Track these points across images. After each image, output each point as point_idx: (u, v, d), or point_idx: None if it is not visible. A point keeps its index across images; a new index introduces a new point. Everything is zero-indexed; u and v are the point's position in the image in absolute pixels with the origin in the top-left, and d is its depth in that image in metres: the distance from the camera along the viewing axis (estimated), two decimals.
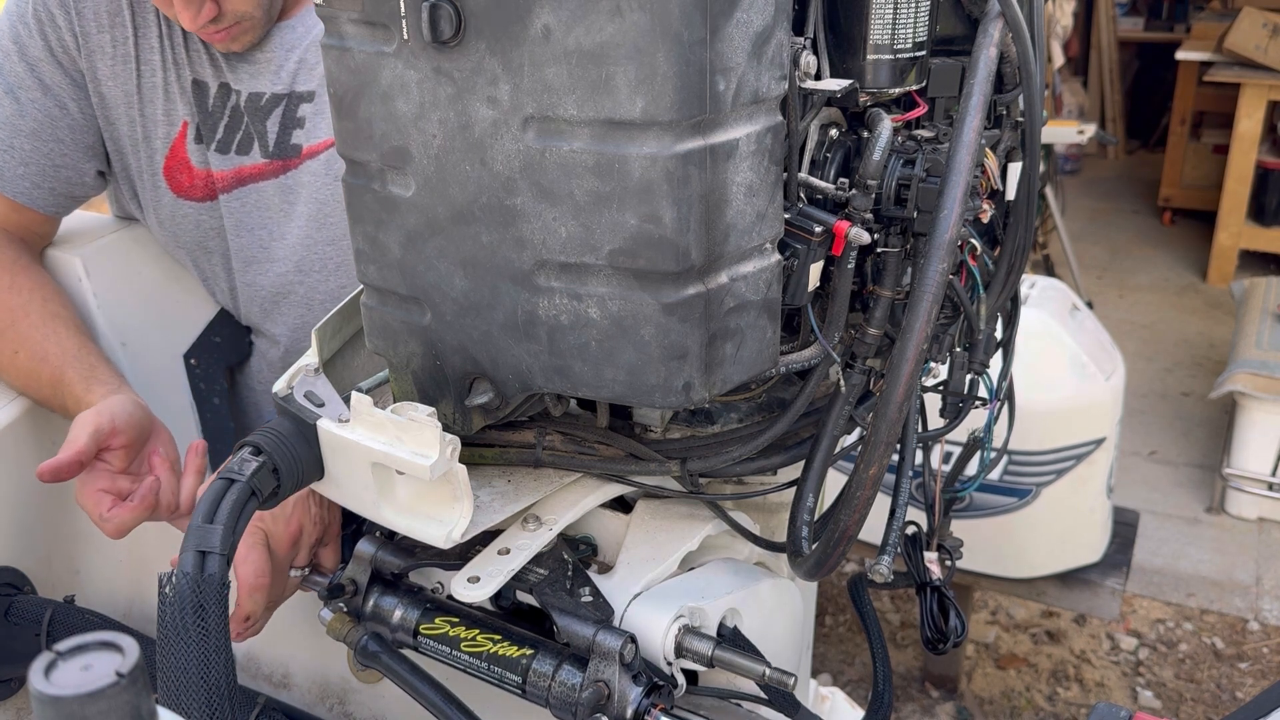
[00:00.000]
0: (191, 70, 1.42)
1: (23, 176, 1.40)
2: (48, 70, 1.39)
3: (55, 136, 1.41)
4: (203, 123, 1.43)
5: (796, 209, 0.83)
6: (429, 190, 0.80)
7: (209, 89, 1.42)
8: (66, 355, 1.32)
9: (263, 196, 1.46)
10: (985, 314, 0.96)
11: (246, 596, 1.09)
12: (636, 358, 0.78)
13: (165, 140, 1.44)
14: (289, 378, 0.94)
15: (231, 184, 1.45)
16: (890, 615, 3.11)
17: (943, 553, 1.11)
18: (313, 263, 1.48)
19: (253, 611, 1.09)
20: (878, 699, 1.13)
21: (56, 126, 1.41)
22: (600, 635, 0.91)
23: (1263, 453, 3.19)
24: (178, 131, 1.44)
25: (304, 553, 1.14)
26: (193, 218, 1.48)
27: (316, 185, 1.43)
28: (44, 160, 1.41)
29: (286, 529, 1.11)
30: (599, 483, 1.01)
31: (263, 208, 1.46)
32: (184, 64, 1.41)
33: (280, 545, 1.11)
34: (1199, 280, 5.23)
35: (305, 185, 1.44)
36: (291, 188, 1.45)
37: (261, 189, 1.45)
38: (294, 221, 1.46)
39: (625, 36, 0.69)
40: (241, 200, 1.46)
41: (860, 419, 0.94)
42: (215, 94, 1.43)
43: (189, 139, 1.44)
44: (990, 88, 0.82)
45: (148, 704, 0.43)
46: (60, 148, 1.42)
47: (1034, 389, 2.31)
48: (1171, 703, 2.76)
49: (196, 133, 1.44)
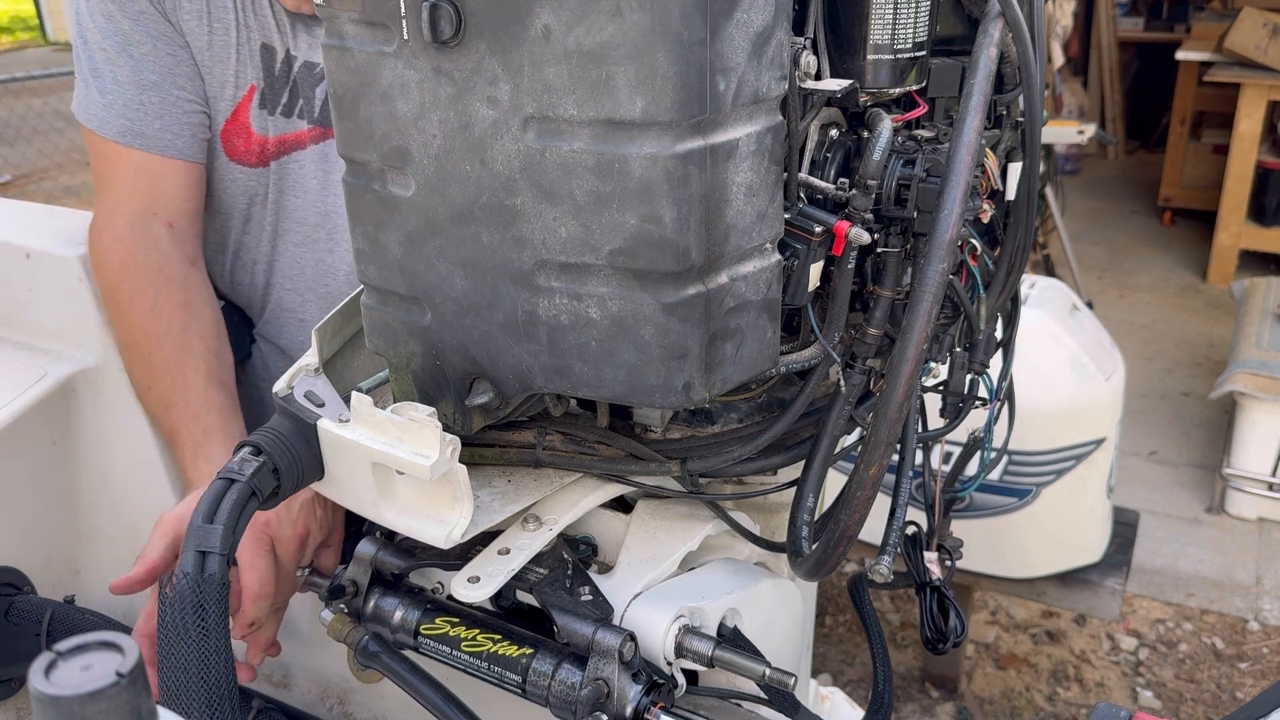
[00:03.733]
0: (261, 35, 1.42)
1: (162, 129, 1.39)
2: (152, 22, 1.38)
3: (177, 85, 1.40)
4: (268, 87, 1.44)
5: (796, 209, 0.83)
6: (429, 190, 0.80)
7: (276, 54, 1.43)
8: (188, 411, 1.29)
9: (303, 164, 1.47)
10: (985, 314, 0.96)
11: (250, 604, 1.08)
12: (636, 358, 0.78)
13: (231, 102, 1.44)
14: (289, 378, 0.94)
15: (282, 149, 1.47)
16: (890, 615, 3.11)
17: (943, 553, 1.11)
18: (341, 231, 1.49)
19: (257, 618, 1.09)
20: (878, 699, 1.13)
21: (176, 75, 1.40)
22: (600, 634, 0.91)
23: (1263, 453, 3.19)
24: (244, 94, 1.44)
25: (307, 554, 1.14)
26: (242, 183, 1.48)
27: None
28: (175, 109, 1.40)
29: (294, 532, 1.11)
30: (599, 483, 1.01)
31: (303, 174, 1.47)
32: (254, 28, 1.41)
33: (287, 550, 1.11)
34: (1199, 280, 5.24)
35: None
36: (329, 155, 1.46)
37: (302, 157, 1.46)
38: (330, 190, 1.47)
39: (625, 36, 0.69)
40: (287, 167, 1.47)
41: (860, 419, 0.94)
42: (281, 60, 1.43)
43: (254, 103, 1.44)
44: (990, 88, 0.82)
45: (148, 704, 0.43)
46: (184, 95, 1.41)
47: (1034, 389, 2.31)
48: (1171, 703, 2.76)
49: (261, 97, 1.44)
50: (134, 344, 1.35)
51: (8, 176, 7.40)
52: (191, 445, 1.27)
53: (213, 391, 1.31)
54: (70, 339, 1.44)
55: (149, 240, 1.37)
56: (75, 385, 1.42)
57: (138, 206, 1.38)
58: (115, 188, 1.39)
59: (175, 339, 1.32)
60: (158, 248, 1.37)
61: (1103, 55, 6.61)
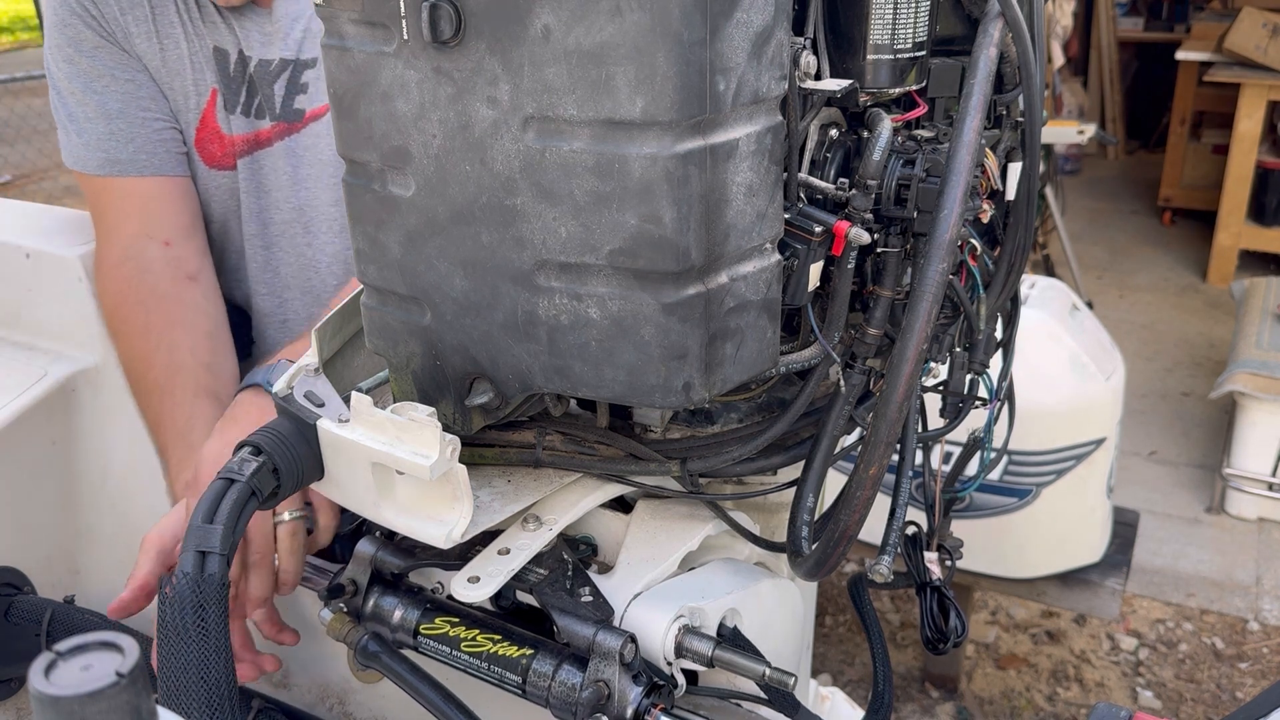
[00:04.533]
0: (212, 38, 1.44)
1: (135, 152, 1.42)
2: (106, 54, 1.42)
3: (141, 107, 1.44)
4: (226, 89, 1.45)
5: (796, 209, 0.83)
6: (429, 190, 0.80)
7: (229, 55, 1.44)
8: (174, 428, 1.31)
9: (272, 160, 1.48)
10: (985, 314, 0.96)
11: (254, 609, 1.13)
12: (636, 358, 0.78)
13: (196, 111, 1.46)
14: (289, 378, 0.94)
15: (250, 148, 1.48)
16: (890, 615, 3.11)
17: (943, 553, 1.11)
18: (319, 224, 1.49)
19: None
20: (878, 699, 1.13)
21: (139, 98, 1.43)
22: (600, 635, 0.91)
23: (1263, 453, 3.19)
24: (207, 100, 1.46)
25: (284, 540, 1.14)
26: (226, 187, 1.50)
27: (319, 147, 1.46)
28: (143, 130, 1.43)
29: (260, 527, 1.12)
30: (599, 483, 1.01)
31: (275, 171, 1.49)
32: (204, 34, 1.43)
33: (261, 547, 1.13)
34: (1199, 280, 5.24)
35: (309, 148, 1.47)
36: (295, 150, 1.47)
37: (272, 153, 1.48)
38: (301, 185, 1.49)
39: (625, 36, 0.69)
40: (257, 164, 1.49)
41: (860, 419, 0.94)
42: (235, 61, 1.45)
43: (218, 107, 1.46)
44: (990, 88, 0.82)
45: (148, 704, 0.43)
46: (150, 115, 1.44)
47: (1034, 389, 2.31)
48: (1171, 703, 2.76)
49: (224, 100, 1.46)
50: (129, 365, 1.38)
51: (8, 176, 7.40)
52: (176, 461, 1.29)
53: (200, 405, 1.32)
54: (70, 339, 1.45)
55: (142, 265, 1.39)
56: (75, 385, 1.43)
57: (131, 231, 1.41)
58: (107, 217, 1.43)
59: (164, 357, 1.35)
60: (151, 270, 1.40)
61: (1103, 55, 6.61)
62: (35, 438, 1.38)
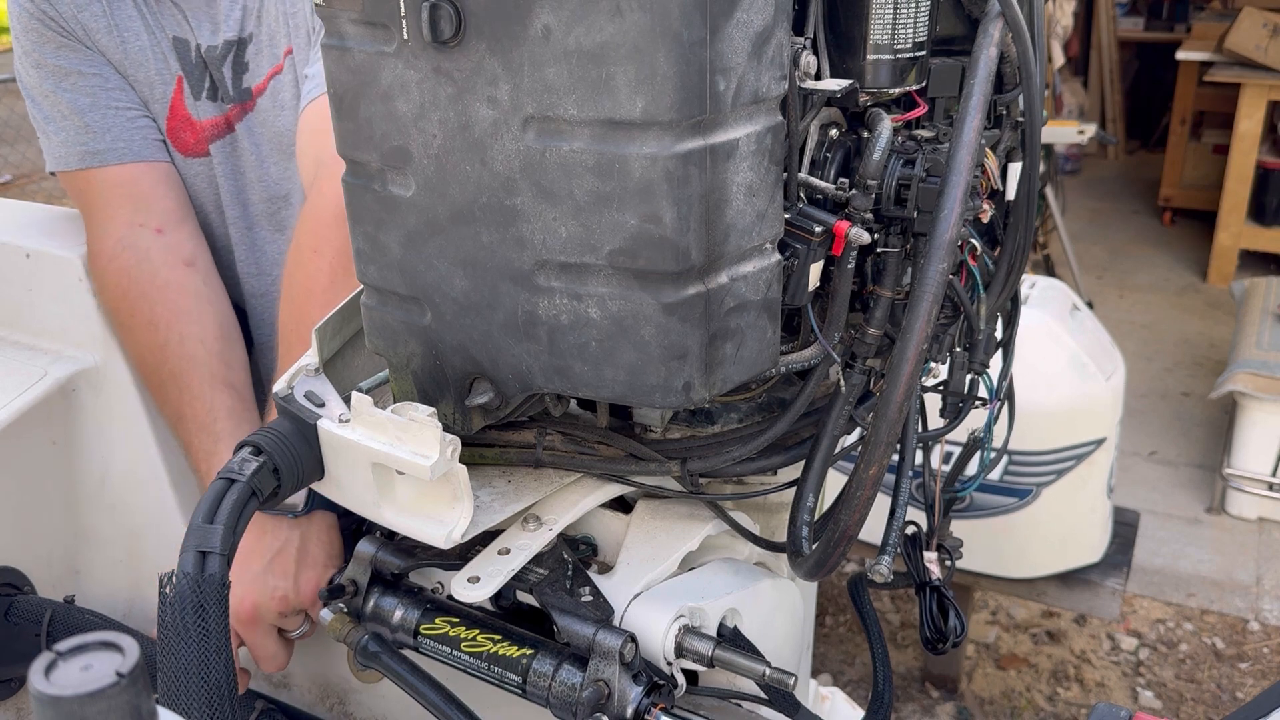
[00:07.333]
0: (172, 29, 1.45)
1: (113, 140, 1.43)
2: (70, 52, 1.42)
3: (111, 98, 1.44)
4: (188, 76, 1.47)
5: (796, 209, 0.83)
6: (429, 190, 0.80)
7: (189, 44, 1.46)
8: (195, 421, 1.31)
9: (239, 142, 1.50)
10: (985, 314, 0.96)
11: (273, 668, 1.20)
12: (636, 358, 0.78)
13: (164, 101, 1.47)
14: (289, 378, 0.94)
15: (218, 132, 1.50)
16: (890, 615, 3.11)
17: (943, 553, 1.11)
18: (295, 195, 1.50)
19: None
20: (878, 699, 1.13)
21: (107, 90, 1.44)
22: (600, 635, 0.90)
23: (1263, 453, 3.19)
24: (174, 89, 1.47)
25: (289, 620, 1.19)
26: (204, 174, 1.51)
27: (268, 119, 1.48)
28: (117, 119, 1.44)
29: (239, 607, 1.15)
30: (599, 483, 1.01)
31: (244, 152, 1.50)
32: (164, 25, 1.45)
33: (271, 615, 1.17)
34: (1199, 280, 5.23)
35: (263, 124, 1.48)
36: (254, 129, 1.49)
37: (236, 135, 1.49)
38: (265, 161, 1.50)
39: (625, 36, 0.69)
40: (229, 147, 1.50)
41: (860, 419, 0.94)
42: (194, 49, 1.46)
43: (185, 94, 1.47)
44: (990, 88, 0.82)
45: (148, 704, 0.43)
46: (121, 104, 1.45)
47: (1034, 389, 2.31)
48: (1172, 703, 2.76)
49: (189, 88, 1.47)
50: (141, 360, 1.37)
51: (8, 176, 7.40)
52: (204, 455, 1.29)
53: (219, 396, 1.31)
54: (70, 339, 1.44)
55: (139, 254, 1.39)
56: (75, 385, 1.42)
57: (123, 220, 1.41)
58: (97, 210, 1.43)
59: (175, 349, 1.34)
60: (149, 259, 1.39)
61: (1103, 55, 6.61)
62: (35, 438, 1.38)
